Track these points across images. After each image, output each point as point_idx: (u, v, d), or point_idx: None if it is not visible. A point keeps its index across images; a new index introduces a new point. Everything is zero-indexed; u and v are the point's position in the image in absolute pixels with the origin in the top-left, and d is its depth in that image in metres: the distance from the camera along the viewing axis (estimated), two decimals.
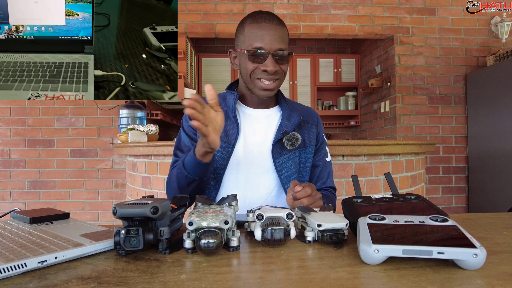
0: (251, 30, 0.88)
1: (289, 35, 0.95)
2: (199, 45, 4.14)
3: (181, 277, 0.41)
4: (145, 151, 2.06)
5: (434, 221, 0.49)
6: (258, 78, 0.89)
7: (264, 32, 0.86)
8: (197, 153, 0.77)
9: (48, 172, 2.99)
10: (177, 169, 0.85)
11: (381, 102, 3.51)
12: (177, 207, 0.60)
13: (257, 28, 0.87)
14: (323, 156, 1.03)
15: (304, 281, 0.40)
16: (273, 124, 0.99)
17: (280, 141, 0.93)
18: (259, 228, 0.53)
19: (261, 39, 0.86)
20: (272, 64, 0.86)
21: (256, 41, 0.86)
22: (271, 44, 0.85)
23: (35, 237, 0.54)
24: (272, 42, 0.85)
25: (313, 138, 1.01)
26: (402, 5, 3.21)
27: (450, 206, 3.24)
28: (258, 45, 0.86)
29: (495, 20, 3.18)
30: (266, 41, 0.85)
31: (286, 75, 0.95)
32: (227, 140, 0.93)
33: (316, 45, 4.44)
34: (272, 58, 0.86)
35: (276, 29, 0.87)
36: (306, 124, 1.02)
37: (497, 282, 0.38)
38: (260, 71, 0.88)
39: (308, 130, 1.01)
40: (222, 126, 0.75)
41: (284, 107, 1.00)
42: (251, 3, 3.14)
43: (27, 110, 2.99)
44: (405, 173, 2.09)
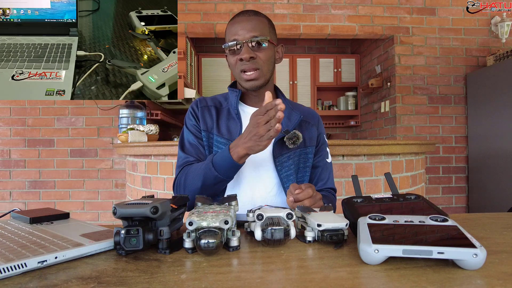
0: (228, 28, 0.93)
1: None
2: (199, 45, 4.14)
3: (181, 277, 0.41)
4: (145, 151, 2.06)
5: (434, 221, 0.49)
6: (241, 71, 0.91)
7: (238, 25, 0.90)
8: (235, 155, 0.78)
9: (48, 172, 2.99)
10: (204, 169, 0.84)
11: (381, 102, 3.51)
12: (177, 207, 0.60)
13: (232, 24, 0.92)
14: (324, 157, 1.03)
15: (304, 281, 0.40)
16: None
17: (281, 140, 0.93)
18: (259, 228, 0.53)
19: (235, 32, 0.89)
20: (246, 51, 0.87)
21: (231, 35, 0.90)
22: (244, 34, 0.88)
23: (35, 237, 0.54)
24: (245, 31, 0.88)
25: (313, 138, 1.01)
26: (402, 5, 3.21)
27: (450, 206, 3.24)
28: (232, 38, 0.89)
29: (495, 20, 3.18)
30: (240, 32, 0.89)
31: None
32: (230, 138, 0.93)
33: (316, 45, 4.44)
34: (247, 46, 0.88)
35: (249, 19, 0.90)
36: (306, 124, 1.02)
37: (497, 282, 0.38)
38: (239, 63, 0.90)
39: (309, 130, 1.01)
40: None
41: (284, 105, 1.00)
42: (251, 3, 3.14)
43: (27, 110, 2.99)
44: (405, 173, 2.09)
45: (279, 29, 3.13)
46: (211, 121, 0.97)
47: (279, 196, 0.97)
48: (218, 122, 0.97)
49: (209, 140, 0.96)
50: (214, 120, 0.97)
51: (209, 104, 1.00)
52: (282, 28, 3.13)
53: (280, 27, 3.13)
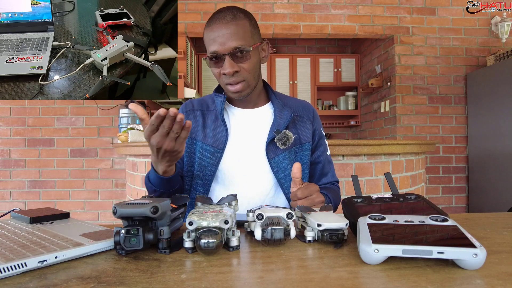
0: (206, 35, 0.85)
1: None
2: (199, 45, 4.14)
3: (181, 277, 0.41)
4: (145, 150, 2.06)
5: (434, 221, 0.49)
6: (225, 83, 0.86)
7: (215, 33, 0.81)
8: (160, 171, 0.74)
9: (48, 171, 2.99)
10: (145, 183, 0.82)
11: (381, 102, 3.51)
12: (177, 207, 0.60)
13: (209, 31, 0.83)
14: (324, 151, 1.00)
15: (304, 281, 0.40)
16: (266, 123, 0.94)
17: (273, 140, 0.90)
18: (259, 228, 0.53)
19: (213, 42, 0.81)
20: (229, 65, 0.81)
21: (211, 46, 0.82)
22: (224, 45, 0.80)
23: (35, 237, 0.54)
24: (225, 42, 0.80)
25: (308, 134, 0.97)
26: (402, 5, 3.21)
27: (450, 206, 3.24)
28: (212, 49, 0.82)
29: (495, 20, 3.18)
30: (219, 43, 0.81)
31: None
32: (216, 145, 0.90)
33: (316, 45, 4.44)
34: (229, 59, 0.81)
35: (227, 27, 0.81)
36: (300, 120, 0.97)
37: (497, 282, 0.38)
38: (223, 76, 0.85)
39: (304, 126, 0.97)
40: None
41: (275, 103, 0.96)
42: (251, 3, 3.14)
43: (27, 109, 2.99)
44: (405, 173, 2.09)
45: (279, 29, 3.14)
46: (195, 126, 0.93)
47: (277, 197, 0.94)
48: (204, 127, 0.93)
49: (191, 146, 0.93)
50: (199, 126, 0.93)
51: (195, 107, 0.96)
52: (282, 28, 3.13)
53: (280, 27, 3.13)
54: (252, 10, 3.12)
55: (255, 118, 0.96)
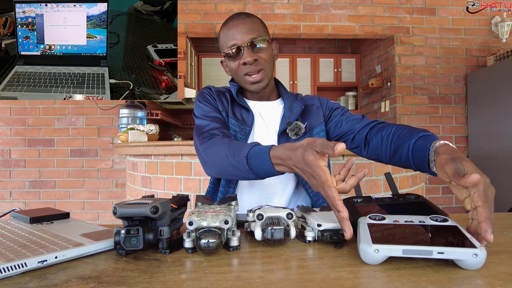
0: (223, 34, 0.91)
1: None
2: (199, 45, 4.14)
3: (181, 277, 0.41)
4: (145, 151, 2.06)
5: (434, 221, 0.49)
6: (245, 74, 0.91)
7: (233, 29, 0.88)
8: (277, 167, 0.64)
9: (48, 171, 2.99)
10: (237, 162, 0.70)
11: (381, 102, 3.51)
12: (177, 207, 0.60)
13: (227, 29, 0.90)
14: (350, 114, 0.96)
15: (304, 281, 0.40)
16: (277, 116, 0.97)
17: (285, 132, 0.92)
18: (259, 228, 0.53)
19: (232, 36, 0.88)
20: (248, 55, 0.87)
21: (229, 41, 0.89)
22: (242, 38, 0.87)
23: (35, 237, 0.54)
24: (243, 35, 0.87)
25: (320, 117, 0.97)
26: (402, 5, 3.21)
27: (450, 206, 3.24)
28: (231, 43, 0.88)
29: (495, 20, 3.18)
30: (237, 37, 0.88)
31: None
32: (244, 124, 0.92)
33: (316, 45, 4.44)
34: (248, 49, 0.87)
35: (244, 22, 0.89)
36: (311, 108, 0.99)
37: (497, 282, 0.38)
38: (242, 67, 0.89)
39: (315, 114, 0.97)
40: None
41: (286, 98, 0.99)
42: (251, 3, 3.14)
43: (27, 109, 2.99)
44: (405, 173, 2.09)
45: (279, 29, 3.14)
46: (226, 104, 0.96)
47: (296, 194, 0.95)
48: (232, 107, 0.96)
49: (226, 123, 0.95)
50: (228, 104, 0.96)
51: (222, 89, 1.00)
52: (282, 28, 3.13)
53: (280, 27, 3.13)
54: (252, 10, 3.12)
55: (267, 110, 0.99)
